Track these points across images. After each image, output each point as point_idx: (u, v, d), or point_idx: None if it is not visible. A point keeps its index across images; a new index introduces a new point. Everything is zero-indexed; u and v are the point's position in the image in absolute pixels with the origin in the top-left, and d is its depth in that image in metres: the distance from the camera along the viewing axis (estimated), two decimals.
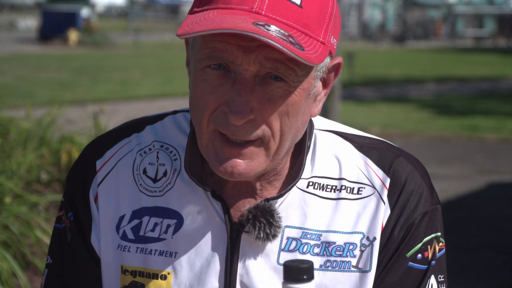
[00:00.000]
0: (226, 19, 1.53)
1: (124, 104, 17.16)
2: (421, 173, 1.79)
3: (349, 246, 1.72)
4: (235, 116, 1.57)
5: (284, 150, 1.66)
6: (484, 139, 14.46)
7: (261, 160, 1.64)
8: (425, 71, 27.72)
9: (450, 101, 20.00)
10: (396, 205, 1.74)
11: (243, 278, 1.71)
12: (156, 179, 1.79)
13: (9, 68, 25.60)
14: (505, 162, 12.41)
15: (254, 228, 1.69)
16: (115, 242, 1.77)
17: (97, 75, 24.14)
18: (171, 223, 1.75)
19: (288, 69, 1.57)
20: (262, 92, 1.59)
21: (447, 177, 10.94)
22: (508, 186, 10.78)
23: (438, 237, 1.78)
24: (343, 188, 1.75)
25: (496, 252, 7.74)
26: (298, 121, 1.65)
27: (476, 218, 9.06)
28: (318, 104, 1.72)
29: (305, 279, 1.36)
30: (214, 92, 1.60)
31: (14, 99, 16.18)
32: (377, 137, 1.84)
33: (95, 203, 1.79)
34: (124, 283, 1.76)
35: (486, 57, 36.14)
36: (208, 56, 1.59)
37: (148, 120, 1.86)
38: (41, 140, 7.64)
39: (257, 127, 1.60)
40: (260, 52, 1.55)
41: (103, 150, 1.83)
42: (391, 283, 1.73)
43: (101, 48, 37.19)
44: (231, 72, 1.59)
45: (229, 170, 1.62)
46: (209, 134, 1.63)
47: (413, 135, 14.63)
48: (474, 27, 55.76)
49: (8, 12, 75.56)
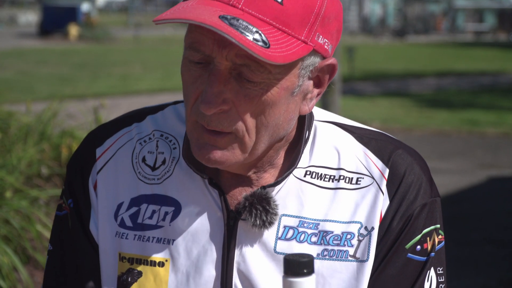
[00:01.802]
0: (196, 11, 1.53)
1: (124, 99, 17.18)
2: (420, 165, 1.79)
3: (346, 236, 1.72)
4: (205, 105, 1.58)
5: (262, 145, 1.66)
6: (484, 134, 14.47)
7: (237, 153, 1.64)
8: (425, 66, 27.71)
9: (450, 96, 20.00)
10: (395, 196, 1.74)
11: (240, 265, 1.72)
12: (154, 167, 1.79)
13: (9, 63, 25.62)
14: (505, 157, 12.42)
15: (250, 215, 1.70)
16: (113, 229, 1.78)
17: (97, 70, 24.15)
18: (169, 210, 1.76)
19: (259, 67, 1.56)
20: (238, 87, 1.59)
21: (447, 172, 10.95)
22: (508, 180, 10.79)
23: (438, 229, 1.78)
24: (341, 178, 1.75)
25: (497, 245, 7.75)
26: (279, 119, 1.64)
27: (476, 212, 9.07)
28: (309, 102, 1.70)
29: (305, 273, 1.36)
30: (194, 83, 1.62)
31: (15, 94, 16.19)
32: (376, 130, 1.84)
33: (94, 191, 1.80)
34: (122, 270, 1.77)
35: (486, 51, 36.13)
36: (189, 47, 1.60)
37: (150, 110, 1.87)
38: (41, 135, 7.65)
39: (231, 119, 1.61)
40: (231, 49, 1.55)
41: (103, 139, 1.84)
42: (390, 274, 1.73)
43: (102, 42, 37.19)
44: (210, 64, 1.60)
45: (206, 156, 1.63)
46: (192, 122, 1.65)
47: (414, 129, 14.64)
48: (474, 22, 55.74)
49: (9, 6, 75.54)
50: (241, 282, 1.72)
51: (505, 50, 36.83)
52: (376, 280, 1.73)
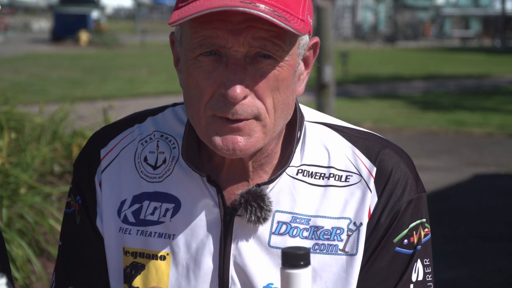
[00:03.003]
0: (215, 1, 1.55)
1: (131, 101, 17.16)
2: (406, 163, 1.79)
3: (336, 231, 1.73)
4: (233, 92, 1.58)
5: (279, 126, 1.68)
6: (470, 133, 14.46)
7: (259, 137, 1.65)
8: (414, 70, 27.69)
9: (438, 98, 19.98)
10: (383, 193, 1.74)
11: (236, 258, 1.72)
12: (156, 166, 1.80)
13: (23, 67, 25.59)
14: (490, 155, 12.41)
15: (246, 212, 1.70)
16: (117, 225, 1.79)
17: (106, 73, 24.12)
18: (169, 207, 1.76)
19: (275, 46, 1.60)
20: (253, 71, 1.61)
21: (435, 169, 10.95)
22: (493, 178, 10.79)
23: (423, 223, 1.78)
24: (331, 176, 1.76)
25: (482, 239, 7.75)
26: (289, 97, 1.67)
27: (463, 208, 9.07)
28: (301, 83, 1.74)
29: (302, 265, 1.36)
30: (209, 77, 1.62)
31: (28, 96, 16.17)
32: (365, 129, 1.85)
33: (100, 189, 1.81)
34: (126, 264, 1.78)
35: (471, 56, 36.09)
36: (200, 44, 1.60)
37: (150, 112, 1.88)
38: (54, 135, 7.65)
39: (253, 104, 1.62)
40: (247, 33, 1.58)
41: (107, 140, 1.85)
42: (380, 267, 1.73)
43: (110, 48, 37.15)
44: (222, 56, 1.61)
45: (231, 147, 1.63)
46: (207, 119, 1.64)
47: (403, 129, 14.62)
48: (461, 28, 55.69)
49: (23, 14, 75.45)
50: (237, 274, 1.73)
51: (490, 55, 36.79)
52: (366, 273, 1.73)
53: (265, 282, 1.72)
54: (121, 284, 1.78)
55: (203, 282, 1.74)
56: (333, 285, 1.72)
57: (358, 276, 1.72)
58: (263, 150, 1.74)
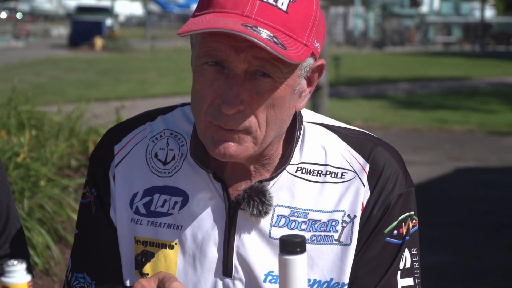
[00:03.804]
0: (219, 21, 1.53)
1: (142, 101, 17.16)
2: (397, 160, 1.78)
3: (332, 222, 1.72)
4: (227, 105, 1.57)
5: (269, 138, 1.66)
6: (452, 131, 14.46)
7: (249, 146, 1.64)
8: (401, 72, 27.69)
9: (422, 98, 19.98)
10: (375, 188, 1.73)
11: (239, 249, 1.72)
12: (166, 162, 1.79)
13: (43, 70, 25.60)
14: (470, 151, 12.41)
15: (248, 206, 1.70)
16: (129, 216, 1.78)
17: (119, 76, 24.12)
18: (178, 200, 1.75)
19: (273, 67, 1.57)
20: (251, 86, 1.59)
21: (420, 164, 10.95)
22: (473, 171, 10.79)
23: (412, 216, 1.77)
24: (328, 173, 1.75)
25: (463, 228, 7.75)
26: (283, 114, 1.65)
27: (445, 199, 9.07)
28: (302, 99, 1.70)
29: (298, 252, 1.35)
30: (211, 86, 1.60)
31: (48, 97, 16.16)
32: (358, 129, 1.84)
33: (113, 182, 1.80)
34: (137, 252, 1.77)
35: (453, 60, 36.09)
36: (205, 54, 1.59)
37: (160, 111, 1.87)
38: (71, 132, 7.65)
39: (246, 118, 1.60)
40: (248, 52, 1.55)
41: (120, 136, 1.83)
42: (371, 256, 1.73)
43: (123, 52, 37.16)
44: (225, 68, 1.59)
45: (222, 151, 1.62)
46: (206, 123, 1.63)
47: (391, 127, 14.62)
48: (443, 35, 55.67)
49: (43, 21, 75.51)
50: (240, 263, 1.72)
51: (470, 59, 36.77)
52: (359, 261, 1.72)
53: (266, 270, 1.71)
54: (132, 270, 1.77)
55: (208, 270, 1.73)
56: (329, 273, 1.71)
57: (352, 264, 1.72)
58: (264, 154, 1.73)
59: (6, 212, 1.98)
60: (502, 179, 10.32)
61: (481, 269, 6.45)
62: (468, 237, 7.43)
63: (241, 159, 1.67)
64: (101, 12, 45.71)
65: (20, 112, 7.72)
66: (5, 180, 2.00)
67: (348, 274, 1.71)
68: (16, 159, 5.98)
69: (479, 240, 7.32)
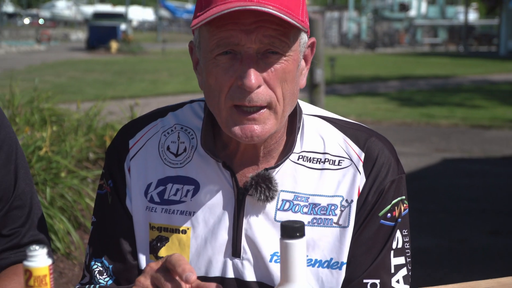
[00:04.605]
0: (228, 5, 1.55)
1: (154, 99, 17.15)
2: (389, 149, 1.78)
3: (331, 207, 1.72)
4: (249, 82, 1.58)
5: (287, 112, 1.68)
6: (438, 124, 14.44)
7: (272, 123, 1.65)
8: (391, 71, 27.66)
9: (411, 95, 19.96)
10: (370, 175, 1.73)
11: (247, 231, 1.71)
12: (177, 154, 1.78)
13: (63, 71, 25.60)
14: (455, 143, 12.40)
15: (256, 192, 1.70)
16: (144, 204, 1.77)
17: (133, 76, 24.11)
18: (190, 188, 1.75)
19: (281, 42, 1.60)
20: (264, 64, 1.60)
21: (409, 155, 10.94)
22: (458, 161, 10.78)
23: (403, 200, 1.78)
24: (326, 161, 1.75)
25: (448, 213, 7.74)
26: (294, 88, 1.66)
27: (433, 187, 9.06)
28: (303, 77, 1.73)
29: (298, 236, 1.35)
30: (227, 73, 1.61)
31: (68, 96, 16.17)
32: (354, 121, 1.84)
33: (129, 174, 1.79)
34: (152, 237, 1.77)
35: (439, 60, 36.04)
36: (217, 45, 1.59)
37: (171, 108, 1.86)
38: (89, 128, 7.66)
39: (266, 93, 1.61)
40: (258, 32, 1.57)
41: (134, 131, 1.83)
42: (367, 237, 1.73)
43: (136, 55, 37.15)
44: (237, 54, 1.60)
45: (249, 135, 1.63)
46: (227, 110, 1.63)
47: (382, 121, 14.61)
48: (430, 36, 55.61)
49: (63, 27, 75.54)
50: (248, 245, 1.72)
51: (454, 59, 36.70)
52: (356, 242, 1.72)
53: (272, 251, 1.71)
54: (147, 254, 1.77)
55: (219, 252, 1.73)
56: (329, 253, 1.71)
57: (349, 245, 1.72)
58: (272, 137, 1.73)
59: (29, 203, 1.98)
60: (484, 168, 10.31)
61: (465, 251, 6.45)
62: (454, 221, 7.42)
63: (265, 139, 1.68)
64: (116, 18, 45.72)
65: (42, 110, 7.72)
66: (29, 173, 2.00)
67: (346, 254, 1.72)
68: (39, 153, 5.99)
69: (463, 225, 7.31)
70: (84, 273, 1.82)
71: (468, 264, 6.08)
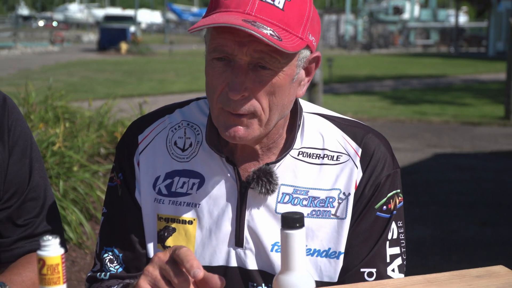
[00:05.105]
0: (223, 18, 1.54)
1: (162, 97, 17.15)
2: (385, 145, 1.78)
3: (329, 199, 1.71)
4: (233, 92, 1.58)
5: (273, 121, 1.66)
6: (430, 121, 14.42)
7: (255, 128, 1.63)
8: (385, 71, 27.63)
9: (405, 93, 19.94)
10: (366, 170, 1.73)
11: (250, 223, 1.71)
12: (184, 149, 1.78)
13: (76, 71, 25.61)
14: (446, 139, 12.39)
15: (257, 185, 1.69)
16: (152, 197, 1.77)
17: (142, 75, 24.11)
18: (195, 182, 1.75)
19: (272, 58, 1.57)
20: (254, 76, 1.59)
21: (403, 150, 10.93)
22: (449, 156, 10.77)
23: (398, 193, 1.77)
24: (325, 156, 1.74)
25: (440, 206, 7.73)
26: (284, 100, 1.64)
27: (425, 180, 9.05)
28: (302, 87, 1.70)
29: (298, 227, 1.34)
30: (220, 77, 1.60)
31: (80, 94, 16.18)
32: (352, 118, 1.84)
33: (138, 167, 1.79)
34: (160, 228, 1.76)
35: (431, 60, 36.01)
36: (214, 49, 1.59)
37: (178, 105, 1.86)
38: (100, 124, 7.66)
39: (250, 104, 1.60)
40: (250, 46, 1.55)
41: (143, 127, 1.82)
42: (364, 228, 1.72)
43: (145, 55, 37.14)
44: (231, 61, 1.59)
45: (232, 134, 1.63)
46: (218, 109, 1.63)
47: (377, 119, 14.59)
48: (423, 38, 55.56)
49: (75, 29, 75.54)
50: (250, 235, 1.71)
51: (446, 59, 36.67)
52: (353, 233, 1.72)
53: (273, 241, 1.71)
54: (155, 244, 1.77)
55: (223, 242, 1.72)
56: (327, 243, 1.71)
57: (347, 235, 1.71)
58: (269, 138, 1.72)
59: (43, 195, 1.98)
60: (474, 163, 10.30)
61: (456, 242, 6.44)
62: (445, 213, 7.42)
63: (250, 141, 1.67)
64: (125, 21, 45.69)
65: (56, 107, 7.72)
66: (43, 167, 2.00)
67: (344, 244, 1.71)
68: (53, 148, 5.99)
69: (454, 216, 7.31)
70: (95, 261, 1.82)
71: (458, 253, 6.07)
